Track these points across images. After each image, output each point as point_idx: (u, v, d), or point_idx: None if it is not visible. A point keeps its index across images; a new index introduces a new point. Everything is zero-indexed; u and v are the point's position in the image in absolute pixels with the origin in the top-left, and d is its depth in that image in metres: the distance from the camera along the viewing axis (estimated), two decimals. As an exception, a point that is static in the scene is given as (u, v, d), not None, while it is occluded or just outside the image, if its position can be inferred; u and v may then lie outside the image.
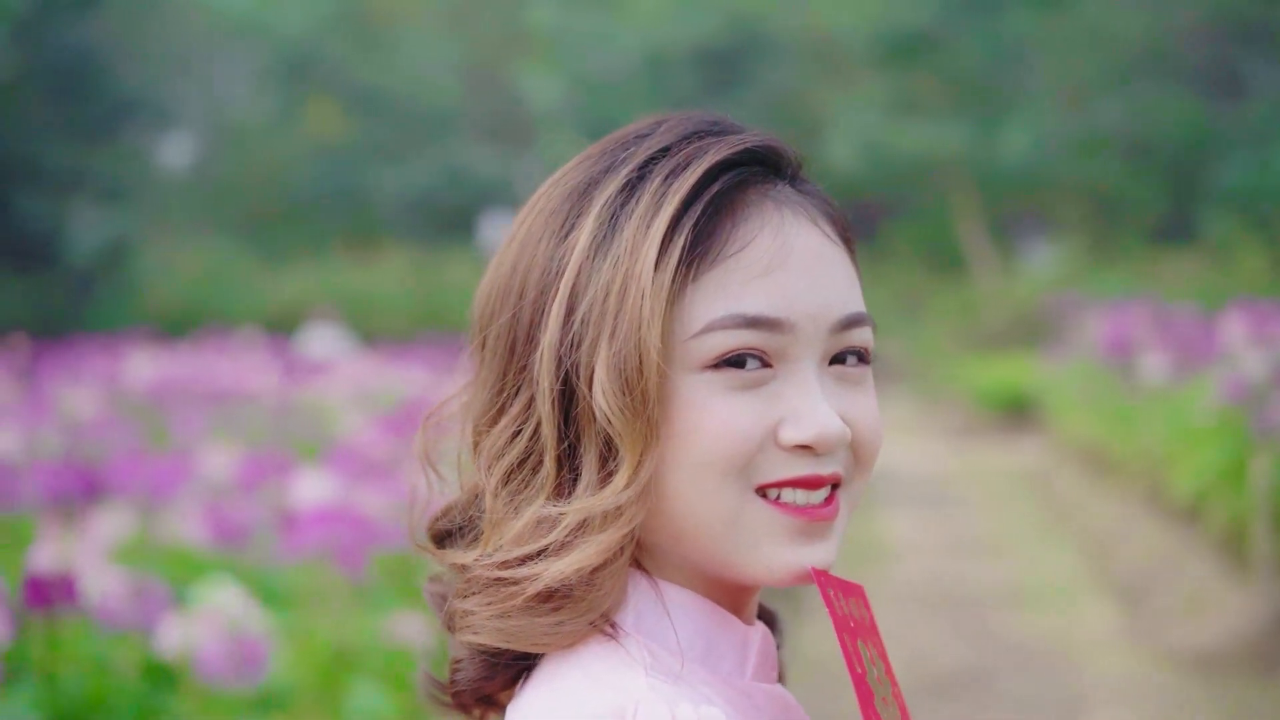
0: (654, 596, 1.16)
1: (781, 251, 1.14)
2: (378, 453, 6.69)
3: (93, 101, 29.10)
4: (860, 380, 1.18)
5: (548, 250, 1.17)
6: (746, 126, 1.21)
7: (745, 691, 1.16)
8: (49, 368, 14.19)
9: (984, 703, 6.52)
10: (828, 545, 1.15)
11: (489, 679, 1.21)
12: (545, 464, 1.15)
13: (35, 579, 3.84)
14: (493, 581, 1.15)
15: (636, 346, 1.10)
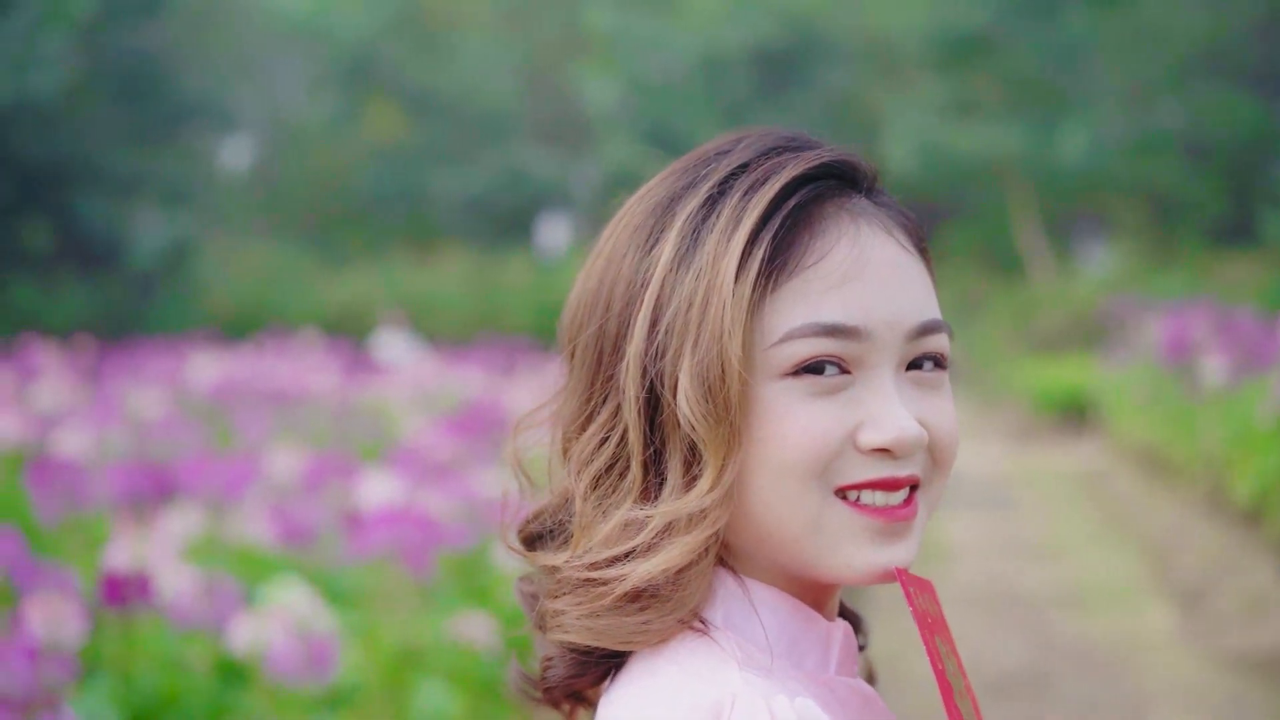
0: (741, 594, 1.20)
1: (858, 262, 1.18)
2: (440, 454, 6.76)
3: (155, 105, 29.36)
4: (937, 385, 1.22)
5: (633, 264, 1.21)
6: (823, 142, 1.25)
7: (829, 686, 1.20)
8: (114, 369, 14.35)
9: (1042, 705, 6.52)
10: (907, 545, 1.19)
11: (579, 676, 1.26)
12: (632, 469, 1.20)
13: (111, 577, 3.92)
14: (582, 582, 1.20)
15: (719, 355, 1.14)
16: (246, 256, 30.33)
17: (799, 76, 28.01)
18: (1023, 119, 23.44)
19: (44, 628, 3.52)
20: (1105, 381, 16.31)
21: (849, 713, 1.20)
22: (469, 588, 5.33)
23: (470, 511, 5.64)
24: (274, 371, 13.01)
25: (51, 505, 5.80)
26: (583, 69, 29.31)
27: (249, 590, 4.38)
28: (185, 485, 6.03)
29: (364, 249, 31.18)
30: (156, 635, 4.20)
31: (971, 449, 15.81)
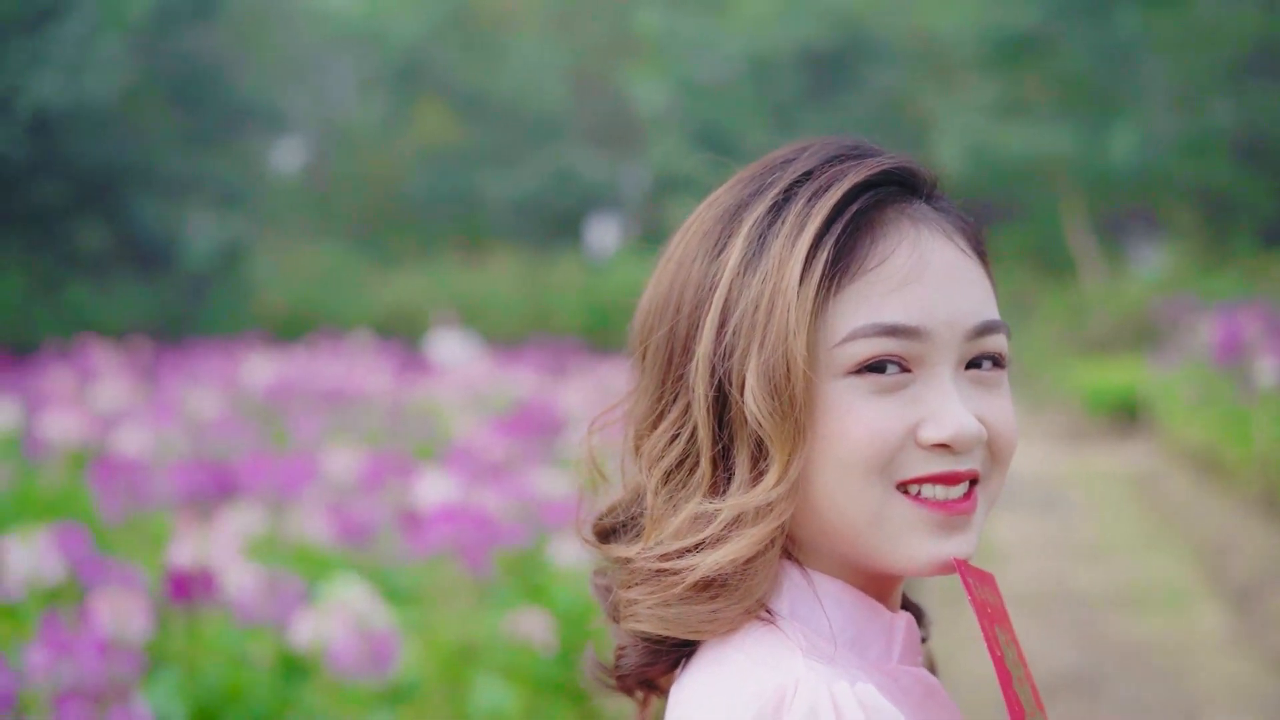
0: (806, 585, 1.25)
1: (918, 265, 1.22)
2: (494, 453, 6.82)
3: (209, 108, 29.57)
4: (996, 383, 1.26)
5: (702, 268, 1.26)
6: (884, 150, 1.30)
7: (892, 675, 1.24)
8: (169, 369, 14.50)
9: (1093, 705, 6.52)
10: (967, 537, 1.23)
11: (651, 665, 1.31)
12: (701, 464, 1.24)
13: (176, 574, 4.00)
14: (654, 573, 1.25)
15: (784, 355, 1.19)
16: (298, 258, 30.49)
17: (848, 77, 27.96)
18: (1073, 119, 23.32)
19: (111, 623, 3.59)
20: (1157, 383, 16.22)
21: (911, 701, 1.23)
22: (525, 585, 5.38)
23: (525, 510, 5.71)
24: (327, 372, 13.10)
25: (114, 504, 5.90)
26: (632, 70, 29.37)
27: (308, 588, 4.44)
28: (244, 484, 6.11)
29: (414, 250, 31.30)
30: (220, 631, 4.27)
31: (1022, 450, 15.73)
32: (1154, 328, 18.54)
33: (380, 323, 24.32)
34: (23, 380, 12.70)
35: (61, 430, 7.79)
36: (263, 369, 13.00)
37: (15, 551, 4.29)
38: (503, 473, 6.32)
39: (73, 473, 7.53)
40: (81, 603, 3.90)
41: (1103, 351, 20.68)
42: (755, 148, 1.75)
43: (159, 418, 8.86)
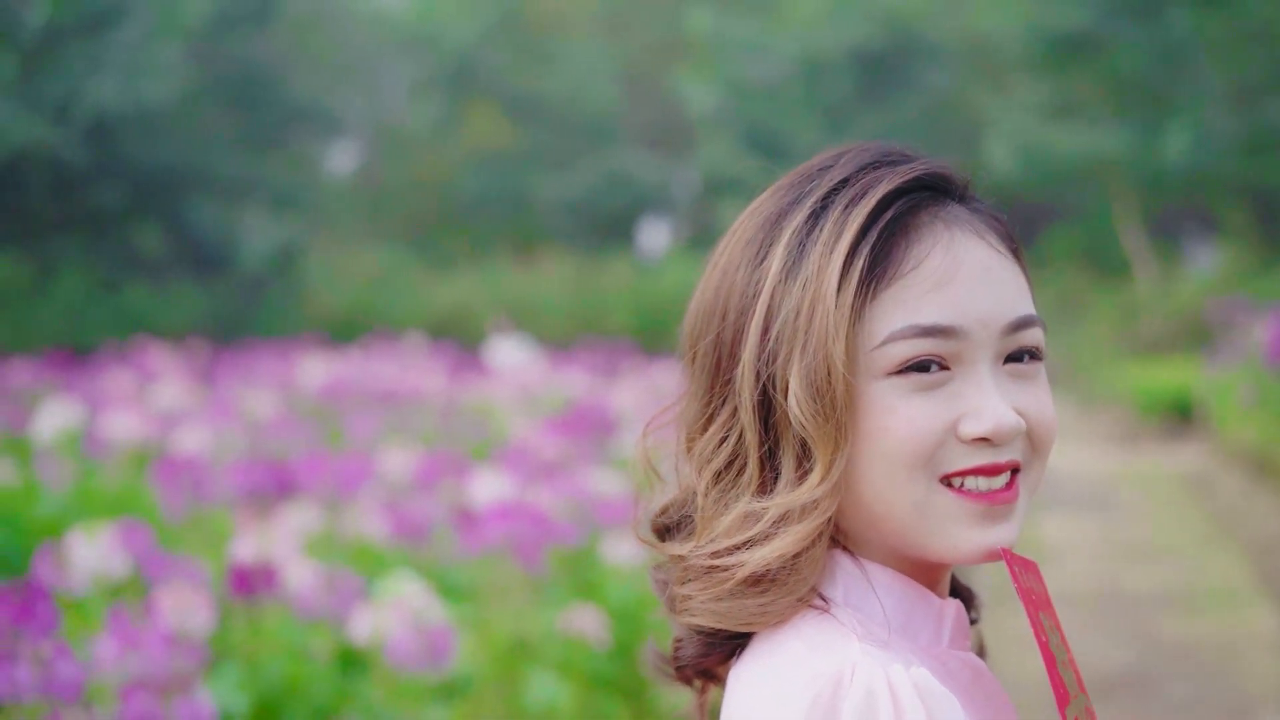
0: (859, 574, 1.30)
1: (952, 266, 1.27)
2: (548, 453, 6.89)
3: (264, 112, 29.80)
4: (1033, 376, 1.31)
5: (745, 276, 1.31)
6: (919, 155, 1.34)
7: (942, 659, 1.29)
8: (226, 370, 14.64)
9: (1145, 705, 6.52)
10: (1010, 526, 1.28)
11: (707, 655, 1.37)
12: (749, 466, 1.30)
13: (238, 569, 4.08)
14: (707, 569, 1.30)
15: (824, 359, 1.24)
16: (352, 260, 30.66)
17: (899, 78, 27.90)
18: (1126, 119, 23.18)
19: (174, 617, 3.67)
20: (1210, 383, 16.13)
21: (960, 685, 1.28)
22: (578, 583, 5.44)
23: (579, 509, 5.77)
24: (381, 373, 13.20)
25: (175, 501, 6.01)
26: (683, 72, 29.39)
27: (366, 585, 4.52)
28: (302, 483, 6.21)
29: (467, 252, 31.42)
30: (281, 625, 4.35)
31: (1074, 451, 15.75)
32: (1207, 328, 18.43)
33: (433, 324, 24.44)
34: (82, 380, 12.87)
35: (121, 429, 7.91)
36: (318, 370, 13.11)
37: (81, 547, 4.38)
38: (556, 472, 6.38)
39: (133, 471, 7.65)
40: (145, 598, 3.97)
41: (1156, 352, 20.58)
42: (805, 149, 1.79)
43: (217, 417, 8.97)
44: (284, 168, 30.37)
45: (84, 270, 25.95)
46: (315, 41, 33.56)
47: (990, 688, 1.32)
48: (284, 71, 30.66)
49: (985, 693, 1.31)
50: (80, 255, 26.50)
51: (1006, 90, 25.34)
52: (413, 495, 6.16)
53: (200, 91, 28.53)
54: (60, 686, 2.99)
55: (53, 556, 4.33)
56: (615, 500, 5.76)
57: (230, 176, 28.39)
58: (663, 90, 32.25)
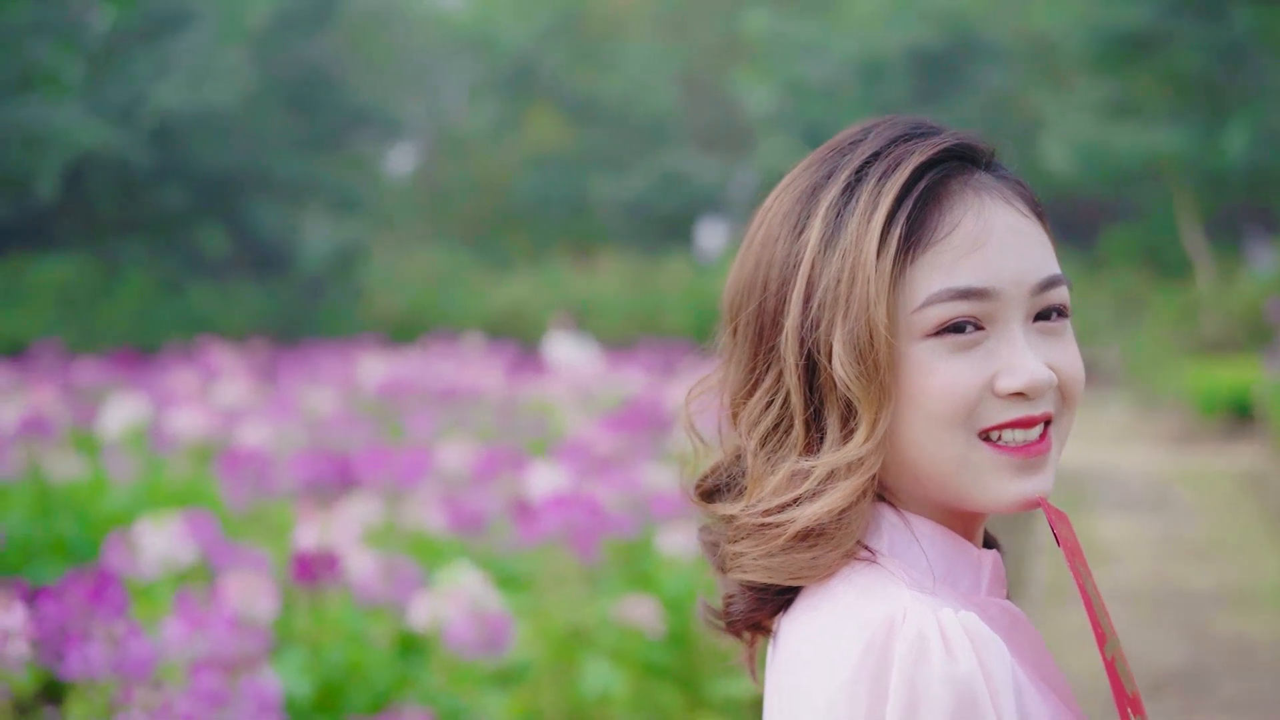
0: (903, 526, 1.38)
1: (984, 232, 1.34)
2: (604, 448, 6.97)
3: (325, 114, 30.04)
4: (1061, 332, 1.38)
5: (784, 248, 1.39)
6: (945, 127, 1.42)
7: (981, 605, 1.37)
8: (287, 369, 14.81)
9: (1199, 702, 6.53)
10: (1045, 475, 1.35)
11: (758, 610, 1.44)
12: (795, 427, 1.37)
13: (301, 556, 4.18)
14: (758, 528, 1.38)
15: (866, 323, 1.31)
16: (411, 261, 30.85)
17: (957, 78, 27.84)
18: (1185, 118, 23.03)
19: (239, 602, 3.77)
20: (1270, 384, 16.02)
21: (1000, 629, 1.35)
22: (633, 574, 5.52)
23: (634, 502, 5.85)
24: (440, 371, 13.31)
25: (239, 494, 6.13)
26: (741, 73, 29.43)
27: (425, 574, 4.61)
28: (363, 476, 6.32)
29: (525, 253, 31.57)
30: (343, 612, 4.45)
31: (1133, 451, 15.70)
32: (1268, 328, 18.29)
33: (492, 325, 24.58)
34: (148, 379, 13.07)
35: (186, 424, 8.05)
36: (378, 369, 13.24)
37: (149, 535, 4.50)
38: (612, 466, 6.46)
39: (197, 465, 7.79)
40: (211, 584, 4.08)
41: (1216, 352, 20.44)
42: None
43: (278, 414, 9.10)
44: (344, 169, 30.60)
45: (149, 272, 26.27)
46: (375, 44, 33.80)
47: (1028, 633, 1.39)
48: (344, 74, 30.90)
49: (1024, 637, 1.38)
50: (145, 257, 26.83)
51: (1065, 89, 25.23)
52: (471, 488, 6.25)
53: (262, 95, 28.80)
54: (131, 664, 3.09)
55: (122, 544, 4.45)
56: (670, 494, 5.83)
57: (291, 178, 28.65)
58: (720, 91, 32.31)
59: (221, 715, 3.06)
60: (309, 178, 28.96)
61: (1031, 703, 1.31)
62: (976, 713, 1.22)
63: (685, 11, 35.51)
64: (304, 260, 28.10)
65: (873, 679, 1.25)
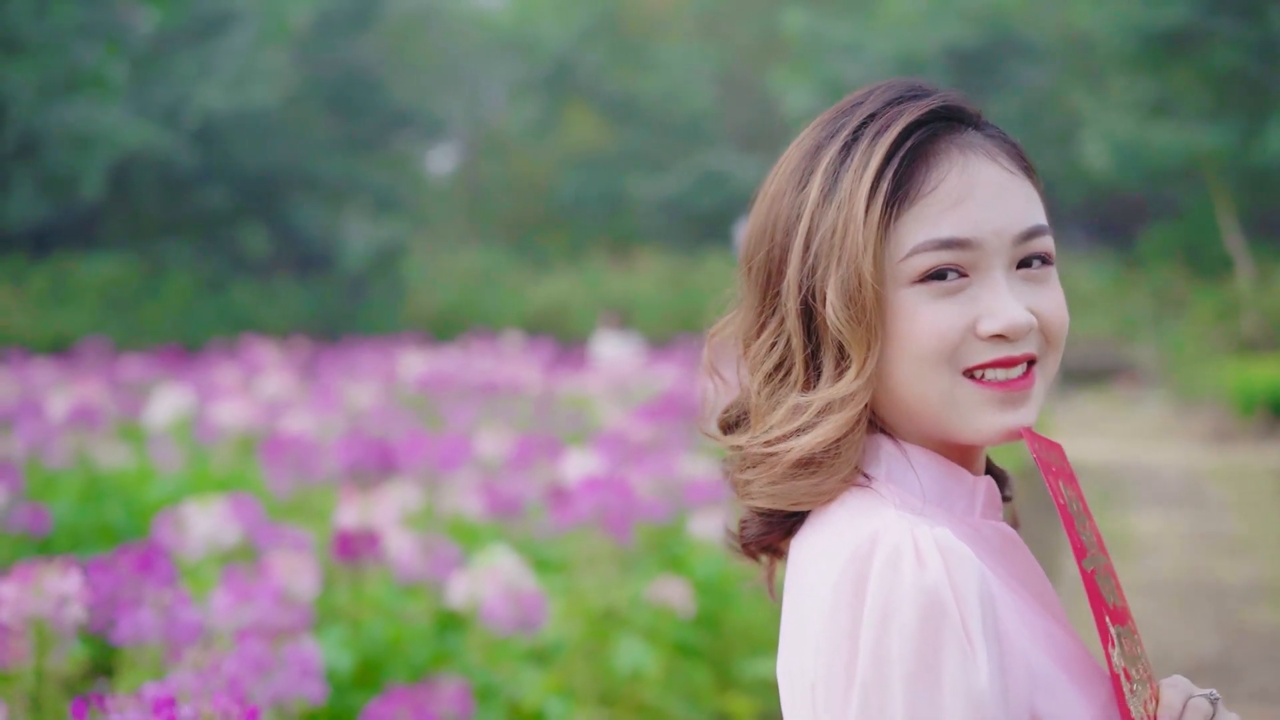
0: (900, 455, 1.50)
1: (967, 186, 1.46)
2: (640, 437, 7.08)
3: (366, 115, 30.23)
4: (1045, 278, 1.50)
5: (789, 201, 1.52)
6: (939, 89, 1.54)
7: (974, 526, 1.49)
8: (328, 367, 14.96)
9: (1229, 691, 6.58)
10: (1027, 409, 1.47)
11: (768, 533, 1.57)
12: (795, 366, 1.50)
13: (343, 534, 4.31)
14: (762, 457, 1.51)
15: (856, 271, 1.43)
16: (451, 260, 31.01)
17: (995, 77, 27.81)
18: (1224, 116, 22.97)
19: (283, 580, 3.89)
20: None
21: (991, 549, 1.48)
22: (665, 557, 5.64)
23: (668, 488, 5.97)
24: (480, 367, 13.43)
25: (282, 480, 6.28)
26: (779, 72, 29.48)
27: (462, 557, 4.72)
28: (403, 462, 6.45)
29: (564, 252, 31.71)
30: (382, 590, 4.58)
31: (1169, 448, 15.72)
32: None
33: (530, 323, 24.71)
34: (191, 374, 13.23)
35: (230, 416, 8.20)
36: (418, 364, 13.36)
37: (195, 516, 4.64)
38: (647, 454, 6.57)
39: (241, 456, 7.94)
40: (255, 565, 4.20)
41: (1255, 351, 20.41)
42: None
43: (321, 406, 9.24)
44: (385, 169, 30.79)
45: (192, 271, 26.51)
46: (416, 45, 34.01)
47: (1020, 552, 1.51)
48: (385, 75, 31.08)
49: (1015, 557, 1.50)
50: (188, 256, 27.06)
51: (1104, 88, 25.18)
52: (508, 475, 6.37)
53: (304, 95, 29.02)
54: (180, 630, 3.23)
55: (170, 523, 4.59)
56: (703, 481, 5.94)
57: (333, 178, 28.85)
58: (759, 90, 32.35)
59: (266, 680, 3.19)
60: (350, 178, 29.16)
61: (1012, 613, 1.42)
62: (942, 616, 1.33)
63: (723, 11, 35.59)
64: (345, 260, 28.29)
65: (854, 588, 1.37)
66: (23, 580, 3.04)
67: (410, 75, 33.04)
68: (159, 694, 2.24)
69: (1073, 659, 1.44)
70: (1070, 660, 1.44)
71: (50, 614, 3.05)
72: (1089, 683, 1.44)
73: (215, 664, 2.90)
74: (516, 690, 4.20)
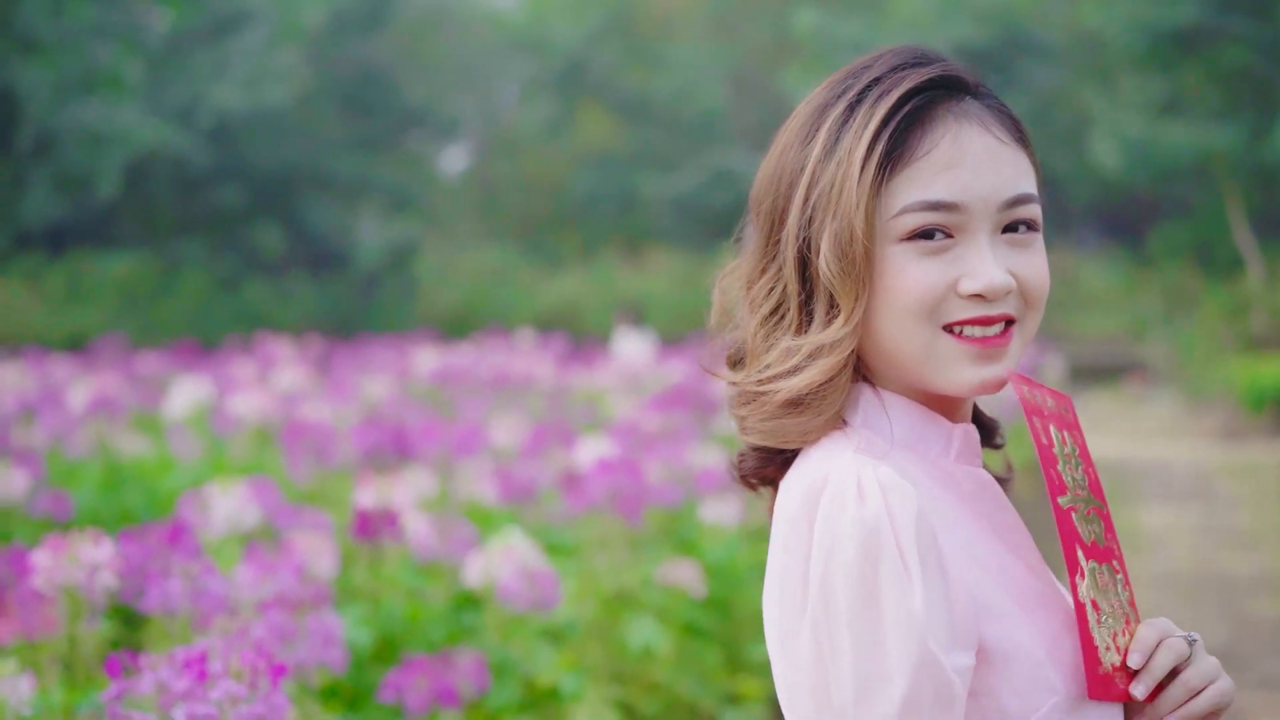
0: (876, 401, 1.60)
1: (958, 153, 1.54)
2: (652, 426, 7.17)
3: (379, 114, 30.33)
4: (1029, 244, 1.58)
5: (795, 155, 1.61)
6: (944, 58, 1.62)
7: (947, 470, 1.58)
8: (342, 362, 15.05)
9: (1237, 679, 6.62)
10: (1003, 365, 1.55)
11: (764, 467, 1.67)
12: (791, 311, 1.60)
13: (362, 514, 4.41)
14: (755, 395, 1.61)
15: (848, 226, 1.53)
16: (464, 259, 31.10)
17: (1006, 75, 27.82)
18: (1235, 115, 22.99)
19: (303, 558, 3.99)
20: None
21: (962, 492, 1.57)
22: (677, 541, 5.74)
23: (679, 476, 6.06)
24: (493, 361, 13.50)
25: (300, 466, 6.38)
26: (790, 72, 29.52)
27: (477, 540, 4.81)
28: (418, 449, 6.54)
29: (576, 250, 31.78)
30: (400, 569, 4.67)
31: (1179, 445, 15.78)
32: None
33: (542, 321, 24.77)
34: (207, 369, 13.33)
35: (247, 407, 8.29)
36: (431, 359, 13.45)
37: (217, 497, 4.74)
38: (658, 441, 6.66)
39: (259, 446, 8.04)
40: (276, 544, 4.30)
41: (1265, 348, 20.44)
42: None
43: (336, 398, 9.32)
44: (398, 168, 30.88)
45: (207, 269, 26.63)
46: (428, 45, 34.10)
47: (991, 495, 1.60)
48: (398, 74, 31.18)
49: (985, 498, 1.59)
50: (203, 254, 27.18)
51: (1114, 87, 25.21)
52: (522, 462, 6.46)
53: (318, 95, 29.13)
54: (207, 599, 3.33)
55: (193, 504, 4.69)
56: (714, 469, 6.03)
57: (346, 177, 28.95)
58: (770, 90, 32.39)
59: (290, 648, 3.28)
60: (363, 177, 29.25)
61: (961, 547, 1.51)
62: (879, 547, 1.43)
63: (735, 11, 35.65)
64: (358, 258, 28.39)
65: (806, 522, 1.48)
66: (55, 550, 3.15)
67: (423, 75, 33.14)
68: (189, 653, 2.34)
69: (1028, 591, 1.52)
70: (1025, 593, 1.51)
71: (82, 582, 3.16)
72: (1043, 613, 1.52)
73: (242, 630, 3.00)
74: (531, 667, 4.29)
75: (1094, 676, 1.48)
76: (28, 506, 5.65)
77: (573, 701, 4.28)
